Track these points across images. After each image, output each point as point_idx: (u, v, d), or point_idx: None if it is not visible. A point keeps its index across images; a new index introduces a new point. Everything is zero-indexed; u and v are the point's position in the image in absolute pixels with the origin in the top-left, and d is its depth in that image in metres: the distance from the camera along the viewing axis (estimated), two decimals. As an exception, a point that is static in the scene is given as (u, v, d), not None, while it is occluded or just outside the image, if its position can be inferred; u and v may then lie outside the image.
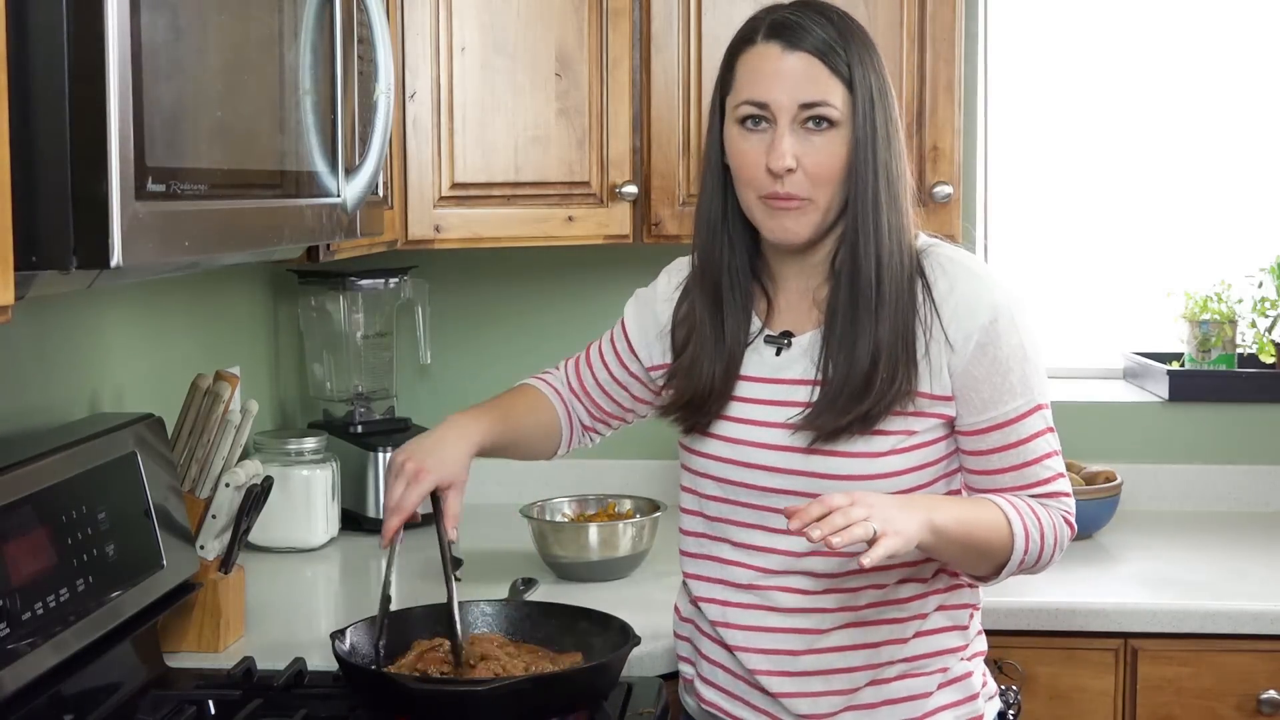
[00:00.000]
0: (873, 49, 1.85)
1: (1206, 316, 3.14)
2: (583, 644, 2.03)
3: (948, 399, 1.84)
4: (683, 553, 2.02)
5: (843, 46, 1.81)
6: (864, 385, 1.81)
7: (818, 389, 1.86)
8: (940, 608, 1.91)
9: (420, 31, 2.60)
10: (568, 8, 2.67)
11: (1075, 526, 1.88)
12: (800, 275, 1.92)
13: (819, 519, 1.65)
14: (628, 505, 2.72)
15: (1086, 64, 3.28)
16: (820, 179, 1.82)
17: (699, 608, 1.98)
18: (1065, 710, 2.46)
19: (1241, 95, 3.25)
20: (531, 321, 3.19)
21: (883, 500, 1.71)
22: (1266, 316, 3.16)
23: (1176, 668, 2.45)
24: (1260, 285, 3.17)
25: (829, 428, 1.83)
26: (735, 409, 1.92)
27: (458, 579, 1.99)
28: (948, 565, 1.89)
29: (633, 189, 2.70)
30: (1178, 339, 3.22)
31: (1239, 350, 3.18)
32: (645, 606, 2.36)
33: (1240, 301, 3.16)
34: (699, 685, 2.01)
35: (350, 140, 1.84)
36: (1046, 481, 1.86)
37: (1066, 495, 1.88)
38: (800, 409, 1.86)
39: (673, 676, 2.19)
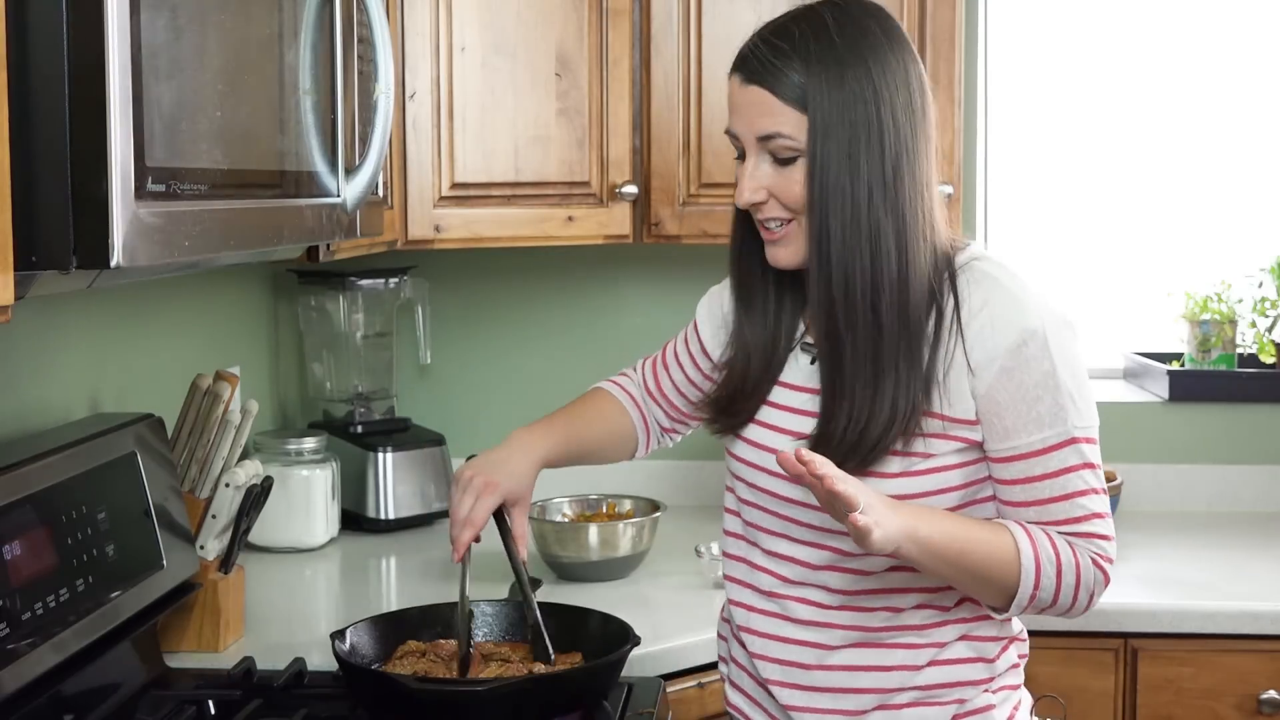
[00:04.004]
0: (851, 64, 1.72)
1: (1207, 316, 3.14)
2: (583, 644, 2.03)
3: (971, 423, 1.75)
4: (724, 554, 1.98)
5: (803, 73, 1.71)
6: (857, 440, 1.74)
7: None
8: (964, 638, 1.84)
9: (420, 31, 2.60)
10: (568, 8, 2.67)
11: (1109, 574, 1.78)
12: None
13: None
14: (628, 505, 2.72)
15: (1087, 63, 3.27)
16: (795, 209, 1.76)
17: (732, 610, 1.96)
18: (1065, 710, 2.45)
19: (1241, 96, 3.25)
20: (531, 321, 3.19)
21: (872, 493, 1.66)
22: (1266, 316, 3.16)
23: (1176, 668, 2.45)
24: (1260, 285, 3.17)
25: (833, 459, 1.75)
26: (769, 415, 1.88)
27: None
28: (945, 584, 1.80)
29: (632, 189, 2.70)
30: (1178, 339, 3.22)
31: (1239, 350, 3.18)
32: (645, 606, 2.36)
33: (1240, 301, 3.16)
34: (727, 687, 2.00)
35: (350, 140, 1.84)
36: (1077, 521, 1.75)
37: (1102, 538, 1.76)
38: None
39: (673, 676, 2.20)
